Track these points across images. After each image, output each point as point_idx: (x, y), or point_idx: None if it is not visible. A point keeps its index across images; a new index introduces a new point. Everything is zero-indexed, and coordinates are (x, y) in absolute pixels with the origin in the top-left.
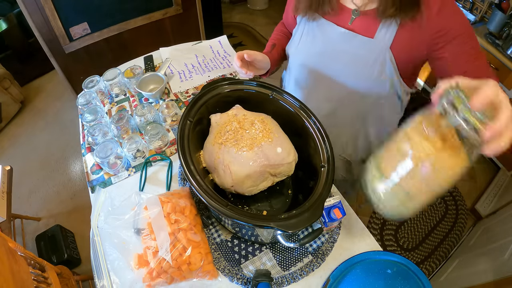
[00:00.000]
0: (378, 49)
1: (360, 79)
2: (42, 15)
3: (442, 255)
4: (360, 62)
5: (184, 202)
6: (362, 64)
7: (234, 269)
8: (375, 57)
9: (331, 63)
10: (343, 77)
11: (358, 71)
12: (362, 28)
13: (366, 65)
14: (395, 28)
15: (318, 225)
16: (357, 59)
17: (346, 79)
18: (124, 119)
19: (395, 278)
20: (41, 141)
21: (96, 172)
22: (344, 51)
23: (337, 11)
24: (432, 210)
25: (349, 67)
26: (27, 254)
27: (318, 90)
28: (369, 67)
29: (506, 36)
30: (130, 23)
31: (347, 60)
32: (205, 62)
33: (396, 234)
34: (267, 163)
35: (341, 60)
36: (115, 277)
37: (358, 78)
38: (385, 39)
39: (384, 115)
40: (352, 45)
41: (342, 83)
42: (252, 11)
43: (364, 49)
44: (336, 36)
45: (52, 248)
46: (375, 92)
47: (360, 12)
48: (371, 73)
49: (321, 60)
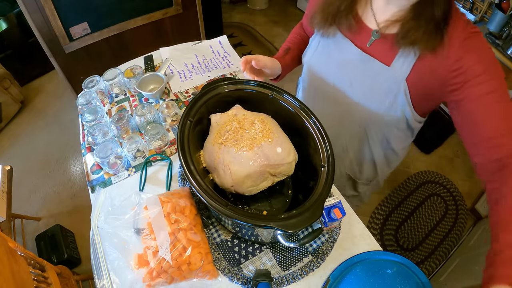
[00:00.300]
0: (393, 79)
1: (370, 103)
2: (42, 15)
3: (442, 255)
4: (373, 87)
5: (184, 202)
6: (375, 90)
7: (234, 269)
8: (388, 86)
9: (343, 81)
10: (353, 97)
11: (370, 95)
12: (380, 53)
13: (379, 92)
14: (413, 60)
15: (318, 225)
16: (370, 84)
17: (356, 99)
18: (124, 119)
19: (395, 278)
20: (41, 141)
21: (96, 172)
22: (358, 72)
23: (356, 29)
24: (432, 210)
25: (360, 89)
26: (27, 254)
27: (325, 104)
28: (382, 95)
29: (506, 36)
30: (130, 23)
31: (360, 82)
32: (205, 62)
33: (396, 234)
34: (267, 163)
35: (353, 81)
36: (115, 277)
37: (368, 101)
38: (402, 69)
39: (391, 139)
40: (368, 68)
41: (351, 102)
42: (252, 11)
43: (379, 76)
44: (353, 55)
45: (52, 248)
46: (384, 116)
47: (380, 35)
48: (383, 101)
49: (333, 77)
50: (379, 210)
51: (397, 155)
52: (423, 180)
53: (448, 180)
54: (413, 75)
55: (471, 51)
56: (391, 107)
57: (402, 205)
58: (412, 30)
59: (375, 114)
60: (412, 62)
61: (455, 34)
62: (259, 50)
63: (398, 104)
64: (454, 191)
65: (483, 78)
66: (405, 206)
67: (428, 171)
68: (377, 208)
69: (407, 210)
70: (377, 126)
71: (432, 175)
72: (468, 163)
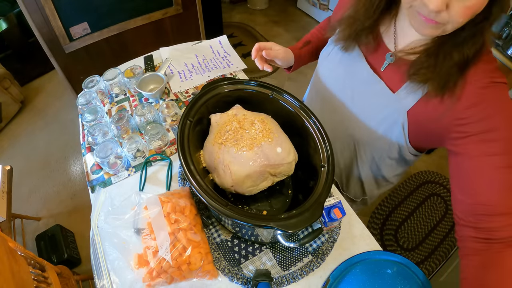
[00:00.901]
0: (395, 107)
1: (366, 122)
2: (42, 15)
3: (442, 255)
4: (372, 108)
5: (184, 202)
6: (374, 111)
7: (234, 269)
8: (388, 112)
9: (345, 92)
10: (351, 116)
11: (367, 115)
12: (389, 78)
13: (377, 114)
14: (420, 94)
15: (318, 225)
16: (371, 104)
17: (354, 119)
18: (124, 119)
19: (395, 278)
20: (41, 141)
21: (96, 172)
22: (362, 89)
23: (373, 46)
24: (432, 210)
25: (360, 106)
26: (27, 254)
27: (323, 109)
28: (380, 119)
29: (506, 36)
30: (130, 23)
31: (361, 99)
32: (205, 62)
33: (396, 234)
34: (267, 163)
35: (355, 96)
36: (115, 277)
37: (364, 120)
38: (406, 100)
39: (381, 166)
40: (373, 89)
41: (349, 121)
42: (252, 11)
43: (382, 99)
44: (361, 72)
45: (52, 248)
46: (376, 140)
47: (395, 58)
48: (379, 124)
49: (337, 85)
50: (379, 210)
51: (388, 182)
52: (423, 180)
53: (448, 180)
54: (416, 109)
55: (486, 102)
56: (385, 134)
57: (402, 205)
58: (425, 67)
59: (368, 135)
60: (418, 96)
61: (474, 79)
62: None
63: (393, 133)
64: None
65: (491, 136)
66: (405, 206)
67: (428, 171)
68: (377, 208)
69: (407, 210)
70: (367, 148)
71: (432, 175)
72: None
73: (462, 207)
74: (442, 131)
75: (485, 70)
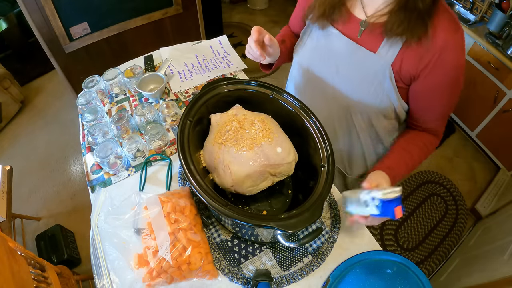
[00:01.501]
0: (379, 65)
1: (356, 88)
2: (42, 14)
3: (442, 255)
4: (359, 74)
5: (184, 202)
6: (361, 76)
7: (234, 268)
8: (374, 72)
9: (332, 72)
10: (341, 88)
11: (356, 82)
12: (367, 42)
13: (365, 78)
14: (399, 46)
15: (318, 225)
16: (357, 71)
17: (345, 90)
18: (124, 119)
19: (395, 278)
20: (41, 141)
21: (96, 172)
22: (346, 62)
23: (346, 19)
24: (432, 210)
25: (348, 79)
26: (27, 254)
27: (315, 96)
28: (368, 81)
29: (506, 36)
30: (130, 23)
31: (346, 69)
32: (205, 62)
33: (396, 234)
34: (267, 163)
35: (340, 68)
36: (115, 277)
37: (356, 90)
38: (387, 55)
39: (379, 130)
40: (355, 56)
41: (340, 93)
42: (252, 11)
43: (365, 63)
44: (341, 45)
45: (52, 247)
46: (372, 105)
47: (368, 24)
48: (368, 87)
49: (322, 67)
50: None
51: (387, 150)
52: (423, 180)
53: (448, 180)
54: (398, 60)
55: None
56: (376, 94)
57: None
58: (397, 22)
59: (361, 99)
60: (397, 49)
61: (441, 27)
62: None
63: (384, 90)
64: (454, 191)
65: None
66: (405, 206)
67: (428, 171)
68: None
69: (407, 210)
70: (364, 113)
71: (432, 175)
72: (468, 163)
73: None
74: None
75: (448, 17)
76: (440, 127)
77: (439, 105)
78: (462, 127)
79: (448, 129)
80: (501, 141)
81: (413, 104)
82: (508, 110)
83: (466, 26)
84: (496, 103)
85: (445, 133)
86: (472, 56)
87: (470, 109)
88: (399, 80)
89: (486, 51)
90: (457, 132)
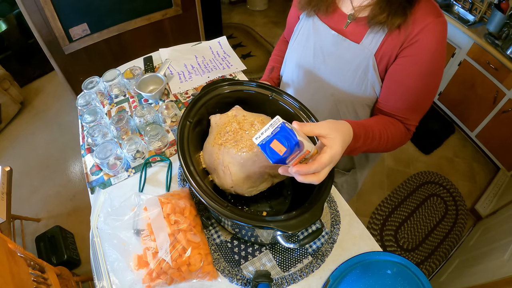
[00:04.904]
0: (363, 55)
1: (342, 78)
2: (41, 16)
3: (442, 255)
4: (344, 64)
5: (184, 203)
6: (346, 66)
7: (234, 270)
8: (358, 62)
9: (320, 64)
10: (325, 74)
11: (342, 72)
12: (353, 33)
13: (349, 68)
14: (382, 36)
15: (318, 225)
16: (342, 61)
17: (328, 76)
18: (123, 120)
19: (395, 279)
20: (40, 142)
21: (95, 173)
22: (331, 53)
23: (332, 13)
24: (432, 210)
25: (333, 67)
26: (26, 255)
27: (306, 90)
28: (352, 72)
29: (505, 36)
30: (129, 24)
31: (333, 60)
32: (205, 63)
33: (396, 234)
34: (266, 164)
35: (327, 59)
36: (115, 278)
37: (340, 77)
38: (371, 45)
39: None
40: (340, 48)
41: (324, 78)
42: (251, 12)
43: (350, 54)
44: (327, 38)
45: (52, 249)
46: (357, 95)
47: (354, 17)
48: (353, 76)
49: (311, 61)
50: (379, 210)
51: None
52: (423, 180)
53: (448, 180)
54: (380, 49)
55: (428, 31)
56: (361, 83)
57: (402, 206)
58: (379, 12)
59: (346, 89)
60: (381, 38)
61: (421, 12)
62: (259, 51)
63: (368, 80)
64: (454, 192)
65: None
66: (405, 207)
67: (428, 171)
68: (377, 208)
69: (407, 211)
70: (349, 103)
71: (432, 175)
72: (468, 164)
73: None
74: (398, 53)
75: (429, 6)
76: (411, 121)
77: (412, 92)
78: (462, 127)
79: (448, 130)
80: (500, 142)
81: (385, 85)
82: (507, 110)
83: (466, 27)
84: (496, 104)
85: (445, 134)
86: (471, 56)
87: (470, 109)
88: (383, 70)
89: (485, 52)
90: (457, 132)
